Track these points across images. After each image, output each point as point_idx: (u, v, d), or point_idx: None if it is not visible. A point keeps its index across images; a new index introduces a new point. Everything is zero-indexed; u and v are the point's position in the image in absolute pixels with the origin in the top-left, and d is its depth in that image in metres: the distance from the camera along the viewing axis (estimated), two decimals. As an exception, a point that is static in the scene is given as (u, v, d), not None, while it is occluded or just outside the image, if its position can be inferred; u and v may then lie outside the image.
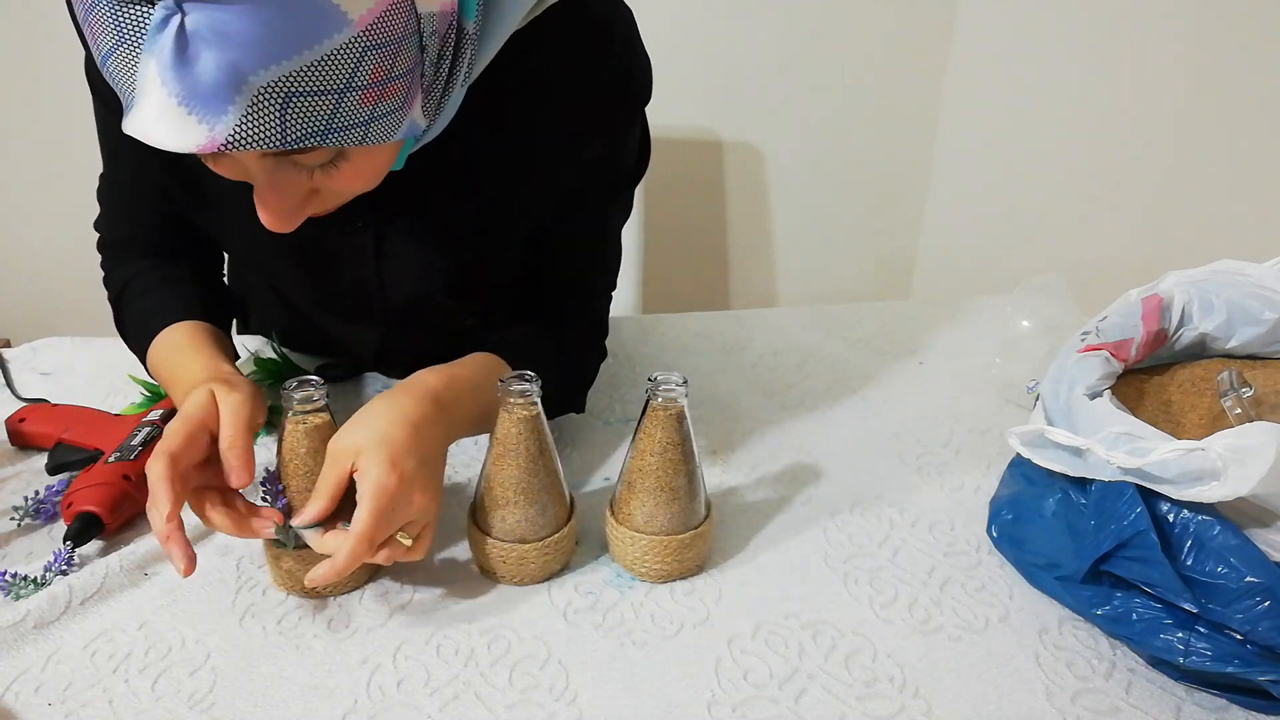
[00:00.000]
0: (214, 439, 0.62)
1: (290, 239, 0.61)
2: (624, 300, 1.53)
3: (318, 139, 0.48)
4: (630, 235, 1.48)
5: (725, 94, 1.85)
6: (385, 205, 0.69)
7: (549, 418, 0.71)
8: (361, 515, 0.58)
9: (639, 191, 1.45)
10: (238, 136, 0.46)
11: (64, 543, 0.66)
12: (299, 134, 0.47)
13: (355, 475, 0.60)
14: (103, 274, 0.85)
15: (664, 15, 1.73)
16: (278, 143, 0.47)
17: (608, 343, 0.88)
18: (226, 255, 0.89)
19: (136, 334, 0.79)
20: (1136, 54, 1.45)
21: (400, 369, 0.89)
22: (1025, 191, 1.76)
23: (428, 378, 0.68)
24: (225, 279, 0.92)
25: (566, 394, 0.83)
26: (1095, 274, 1.53)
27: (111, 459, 0.72)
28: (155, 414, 0.79)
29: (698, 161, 1.91)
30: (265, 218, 0.56)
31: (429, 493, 0.62)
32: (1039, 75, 1.67)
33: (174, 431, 0.60)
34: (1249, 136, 1.27)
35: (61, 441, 0.77)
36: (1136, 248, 1.49)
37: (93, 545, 0.68)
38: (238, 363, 0.94)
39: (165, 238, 0.82)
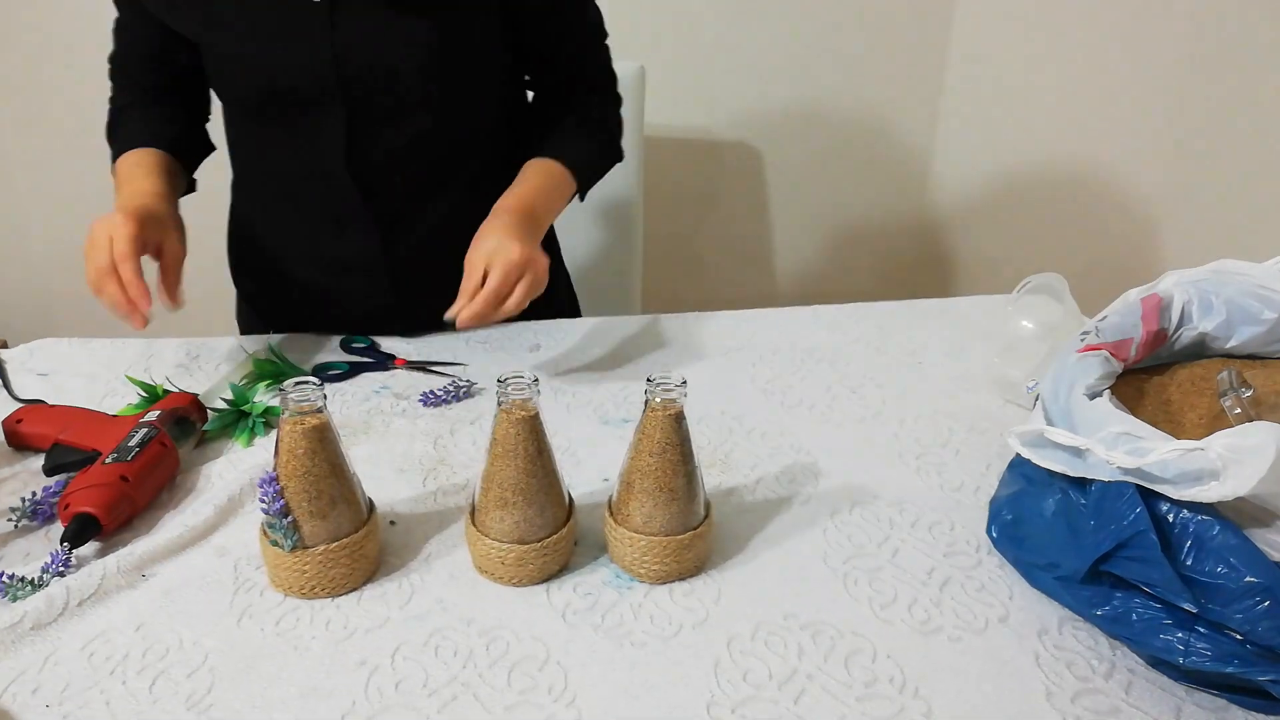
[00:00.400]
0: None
1: (251, 13, 0.83)
2: (624, 300, 1.53)
3: None
4: (630, 235, 1.48)
5: (725, 94, 1.85)
6: None
7: (600, 177, 1.04)
8: (495, 272, 0.83)
9: (639, 192, 1.46)
10: None
11: (61, 544, 0.66)
12: None
13: (489, 265, 0.83)
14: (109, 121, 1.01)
15: (664, 15, 1.73)
16: None
17: None
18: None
19: (117, 145, 0.96)
20: (1136, 54, 1.45)
21: (374, 176, 0.96)
22: (1025, 191, 1.76)
23: (507, 203, 0.91)
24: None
25: (606, 152, 1.05)
26: (1095, 274, 1.53)
27: (109, 460, 0.72)
28: (152, 415, 0.78)
29: (698, 161, 1.91)
30: None
31: (542, 258, 0.87)
32: (1038, 76, 1.67)
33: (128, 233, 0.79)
34: (1248, 137, 1.27)
35: (59, 442, 0.77)
36: (1136, 248, 1.49)
37: (90, 546, 0.68)
38: (238, 363, 0.95)
39: (159, 77, 0.99)
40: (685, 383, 0.63)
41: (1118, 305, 0.74)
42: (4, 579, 0.63)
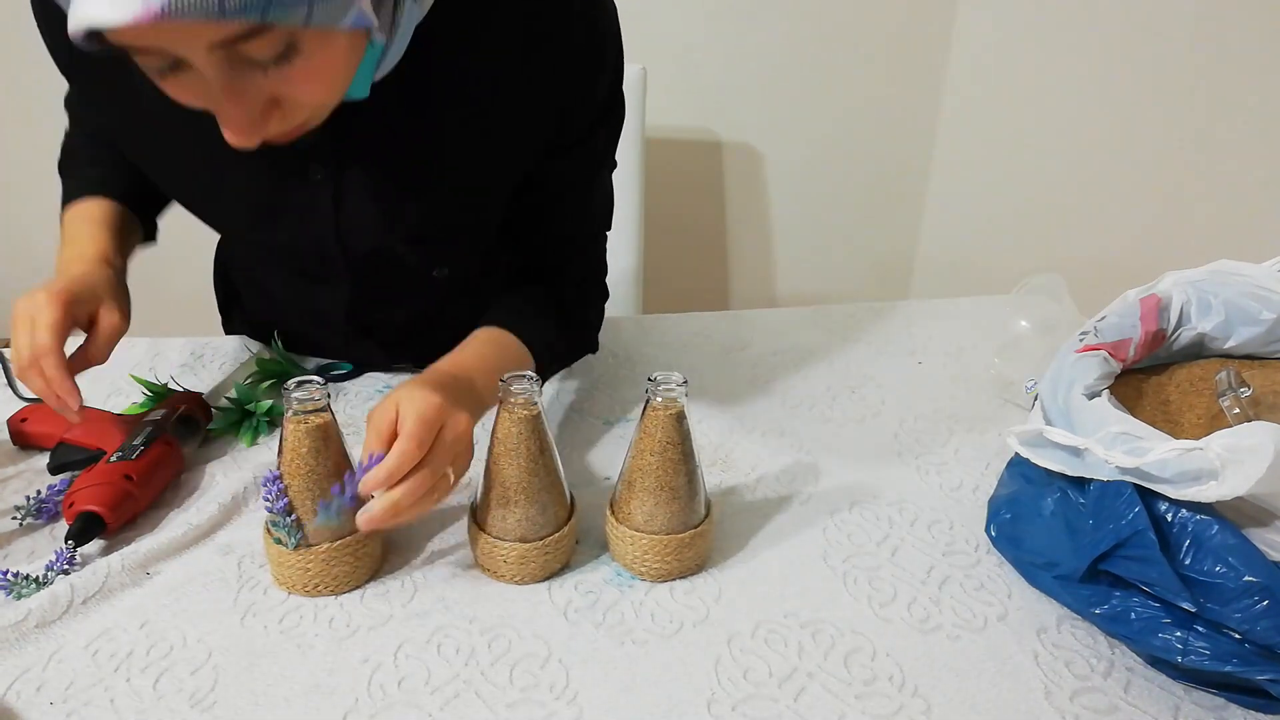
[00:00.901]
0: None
1: (250, 193, 0.65)
2: (624, 300, 1.53)
3: (257, 12, 0.48)
4: (630, 235, 1.48)
5: (725, 94, 1.85)
6: (343, 153, 0.71)
7: (565, 365, 0.79)
8: (408, 427, 0.60)
9: (639, 192, 1.46)
10: (174, 5, 0.46)
11: (65, 542, 0.66)
12: (237, 3, 0.47)
13: (399, 414, 0.62)
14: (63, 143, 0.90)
15: (664, 16, 1.73)
16: (215, 10, 0.47)
17: (605, 341, 0.90)
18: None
19: (65, 191, 0.84)
20: (1136, 55, 1.45)
21: (377, 334, 0.91)
22: (1025, 191, 1.76)
23: (440, 365, 0.72)
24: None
25: (575, 343, 0.88)
26: (1094, 274, 1.53)
27: (113, 459, 0.72)
28: (157, 414, 0.79)
29: (698, 161, 1.92)
30: (229, 134, 0.57)
31: (470, 421, 0.65)
32: (1038, 76, 1.67)
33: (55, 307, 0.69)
34: (1248, 137, 1.27)
35: (63, 441, 0.77)
36: (1135, 248, 1.50)
37: (94, 545, 0.69)
38: (243, 363, 0.95)
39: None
40: (686, 382, 0.64)
41: (1116, 305, 0.75)
42: (9, 577, 0.64)
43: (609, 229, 0.89)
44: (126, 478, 0.71)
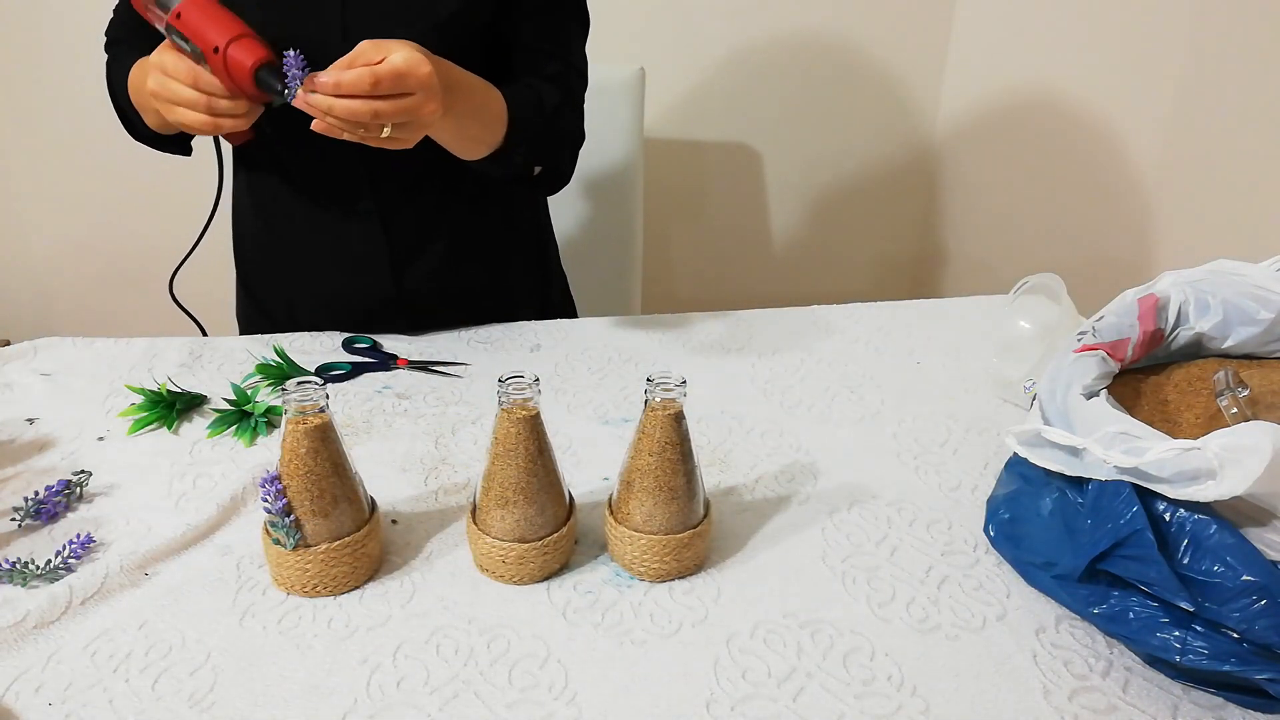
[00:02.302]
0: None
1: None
2: (624, 300, 1.53)
3: None
4: (630, 235, 1.49)
5: (725, 94, 1.85)
6: None
7: (543, 166, 0.96)
8: (384, 68, 0.69)
9: (639, 192, 1.46)
10: None
11: (291, 69, 0.72)
12: None
13: (389, 53, 0.70)
14: (106, 69, 0.98)
15: (664, 17, 1.73)
16: None
17: None
18: None
19: (122, 86, 0.90)
20: (1135, 55, 1.45)
21: (376, 162, 0.94)
22: (1024, 191, 1.76)
23: (450, 64, 0.81)
24: None
25: (552, 145, 0.97)
26: (1093, 274, 1.53)
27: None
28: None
29: (697, 162, 1.92)
30: None
31: (439, 108, 0.74)
32: (1038, 76, 1.67)
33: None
34: (1246, 137, 1.27)
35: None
36: (1134, 248, 1.50)
37: (94, 543, 0.69)
38: (241, 363, 0.95)
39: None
40: (685, 382, 0.64)
41: (1115, 305, 0.75)
42: (15, 564, 0.64)
43: (587, 29, 1.01)
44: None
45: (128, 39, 0.99)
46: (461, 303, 1.06)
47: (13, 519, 0.71)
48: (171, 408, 0.86)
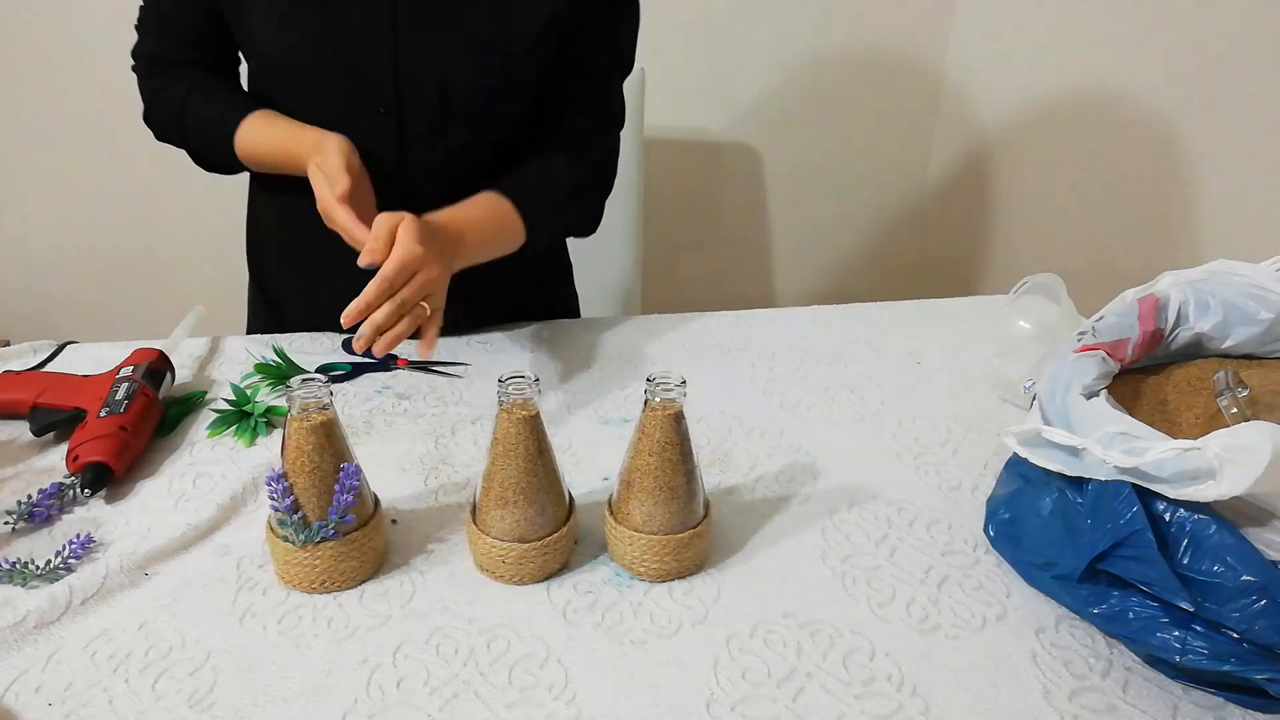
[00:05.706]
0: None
1: (310, 11, 0.83)
2: (624, 300, 1.53)
3: None
4: (630, 235, 1.49)
5: (725, 94, 1.85)
6: None
7: (573, 232, 1.03)
8: (387, 270, 0.75)
9: (638, 192, 1.46)
10: None
11: (82, 491, 0.71)
12: None
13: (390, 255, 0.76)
14: (142, 80, 0.99)
15: (664, 16, 1.73)
16: None
17: None
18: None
19: (214, 130, 0.93)
20: (1135, 55, 1.45)
21: (423, 183, 0.95)
22: (1023, 192, 1.76)
23: (438, 216, 0.86)
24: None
25: (587, 203, 1.02)
26: (1093, 274, 1.53)
27: (103, 414, 0.77)
28: (127, 369, 0.83)
29: (697, 161, 1.92)
30: None
31: (444, 272, 0.80)
32: (1037, 76, 1.67)
33: (338, 169, 0.82)
34: (1246, 137, 1.27)
35: (37, 405, 0.81)
36: (1134, 248, 1.50)
37: (94, 544, 0.69)
38: (238, 366, 0.95)
39: (200, 53, 0.96)
40: (685, 382, 0.64)
41: (1115, 305, 0.75)
42: (14, 565, 0.64)
43: (629, 72, 1.02)
44: (122, 429, 0.76)
45: (168, 58, 0.98)
46: (475, 306, 1.03)
47: (6, 522, 0.71)
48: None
